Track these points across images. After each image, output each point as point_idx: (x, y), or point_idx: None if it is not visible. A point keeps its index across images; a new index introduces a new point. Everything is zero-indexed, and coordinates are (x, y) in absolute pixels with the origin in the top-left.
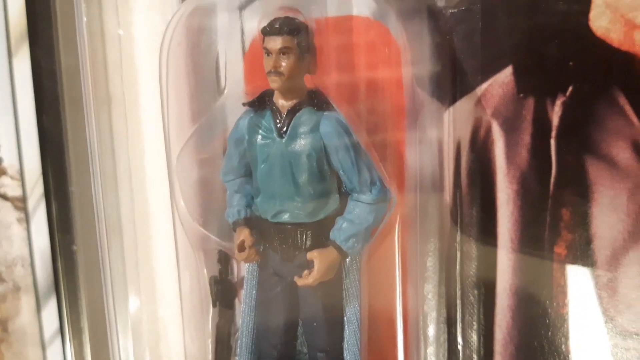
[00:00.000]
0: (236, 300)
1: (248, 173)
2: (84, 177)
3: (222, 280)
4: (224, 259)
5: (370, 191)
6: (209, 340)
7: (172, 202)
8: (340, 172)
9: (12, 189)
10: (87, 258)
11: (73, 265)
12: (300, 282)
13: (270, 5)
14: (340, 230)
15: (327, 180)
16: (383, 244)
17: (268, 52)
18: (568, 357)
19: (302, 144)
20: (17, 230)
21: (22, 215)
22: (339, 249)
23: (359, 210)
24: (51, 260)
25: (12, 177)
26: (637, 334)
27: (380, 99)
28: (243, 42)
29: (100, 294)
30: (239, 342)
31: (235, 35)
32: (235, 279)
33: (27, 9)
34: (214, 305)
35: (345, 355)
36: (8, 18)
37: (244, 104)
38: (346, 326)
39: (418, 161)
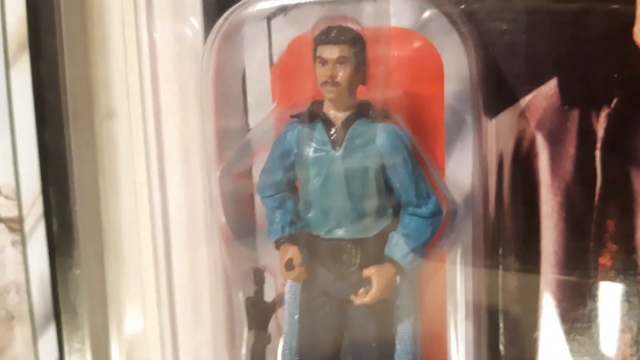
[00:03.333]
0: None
1: (290, 188)
2: (88, 195)
3: (258, 301)
4: (260, 279)
5: (427, 205)
6: None
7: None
8: (397, 185)
9: (6, 209)
10: (91, 283)
11: (75, 291)
12: (357, 300)
13: (304, 16)
14: (398, 246)
15: (383, 194)
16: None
17: (323, 62)
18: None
19: (359, 157)
20: (12, 254)
21: (18, 237)
22: (396, 265)
23: (415, 224)
24: (50, 286)
25: (6, 197)
26: None
27: (420, 112)
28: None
29: (104, 322)
30: None
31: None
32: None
33: (28, 16)
34: (250, 329)
35: None
36: (6, 26)
37: (292, 116)
38: (398, 345)
39: (459, 176)
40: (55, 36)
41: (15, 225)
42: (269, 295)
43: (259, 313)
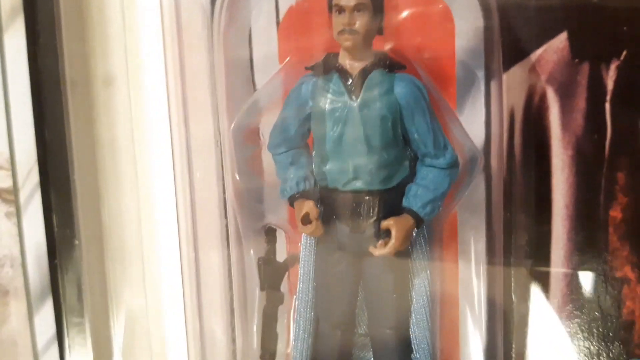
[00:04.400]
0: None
1: (302, 144)
2: (86, 164)
3: (270, 261)
4: (272, 238)
5: (444, 155)
6: (254, 326)
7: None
8: (415, 135)
9: (0, 179)
10: (90, 254)
11: (74, 263)
12: (376, 252)
13: None
14: (416, 197)
15: (400, 145)
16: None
17: (340, 9)
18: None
19: (378, 106)
20: (6, 227)
21: (12, 209)
22: (415, 216)
23: (433, 175)
24: (47, 259)
25: (0, 167)
26: None
27: (432, 68)
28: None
29: (104, 295)
30: (294, 325)
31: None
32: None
33: None
34: (262, 289)
35: (412, 330)
36: None
37: (306, 68)
38: (414, 300)
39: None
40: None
41: (10, 196)
42: (281, 255)
43: (272, 272)
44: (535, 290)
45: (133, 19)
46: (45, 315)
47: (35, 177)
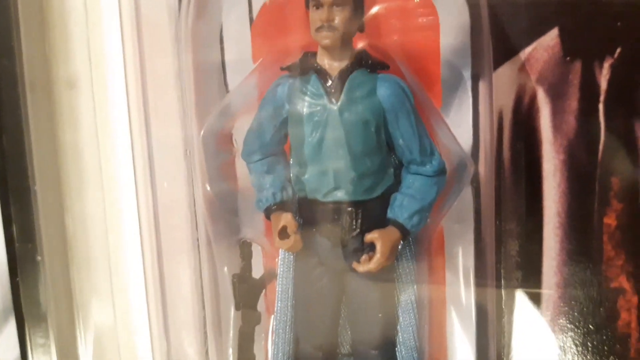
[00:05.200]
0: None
1: (278, 151)
2: (49, 173)
3: (246, 277)
4: (247, 253)
5: (431, 162)
6: (230, 348)
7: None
8: (400, 141)
9: None
10: (54, 271)
11: (37, 280)
12: (360, 267)
13: None
14: (402, 208)
15: (383, 151)
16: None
17: (318, 5)
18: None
19: (359, 109)
20: None
21: None
22: (401, 228)
23: (419, 184)
24: (8, 276)
25: None
26: None
27: (415, 67)
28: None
29: (70, 314)
30: (273, 346)
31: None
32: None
33: None
34: (238, 308)
35: (399, 349)
36: None
37: (282, 69)
38: (401, 318)
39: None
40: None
41: None
42: (257, 271)
43: (247, 290)
44: (526, 303)
45: (97, 17)
46: (8, 337)
47: None
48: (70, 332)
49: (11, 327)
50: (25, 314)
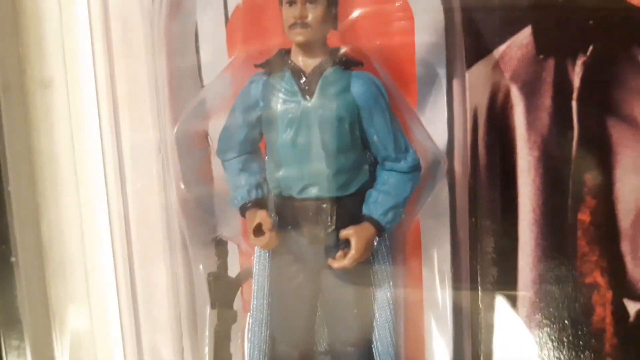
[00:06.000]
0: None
1: (253, 149)
2: (22, 173)
3: (222, 276)
4: (223, 252)
5: (405, 159)
6: (206, 347)
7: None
8: (374, 137)
9: None
10: (29, 273)
11: (11, 281)
12: (335, 264)
13: None
14: (377, 204)
15: (358, 148)
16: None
17: (291, 1)
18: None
19: (334, 106)
20: None
21: None
22: (376, 224)
23: (394, 180)
24: None
25: None
26: None
27: (390, 66)
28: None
29: (45, 316)
30: (249, 345)
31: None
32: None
33: None
34: (213, 307)
35: (375, 346)
36: None
37: (256, 66)
38: (377, 314)
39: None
40: None
41: None
42: (233, 270)
43: (223, 289)
44: (502, 299)
45: (71, 16)
46: None
47: None
48: (46, 335)
49: None
50: None
